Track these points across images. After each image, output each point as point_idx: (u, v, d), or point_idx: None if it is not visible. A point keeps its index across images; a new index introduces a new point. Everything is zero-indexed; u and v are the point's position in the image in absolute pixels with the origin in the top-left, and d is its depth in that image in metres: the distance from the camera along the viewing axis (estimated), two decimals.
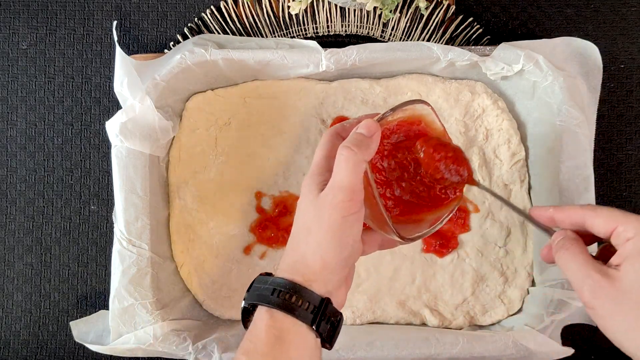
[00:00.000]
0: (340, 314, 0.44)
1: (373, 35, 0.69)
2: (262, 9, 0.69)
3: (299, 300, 0.42)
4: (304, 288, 0.42)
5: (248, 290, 0.44)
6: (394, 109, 0.48)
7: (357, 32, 0.69)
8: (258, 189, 0.65)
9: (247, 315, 0.44)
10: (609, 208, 0.42)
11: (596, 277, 0.40)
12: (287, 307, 0.41)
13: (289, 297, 0.42)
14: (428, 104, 0.49)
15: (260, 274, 0.45)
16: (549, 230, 0.46)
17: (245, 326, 0.45)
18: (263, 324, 0.42)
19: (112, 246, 0.58)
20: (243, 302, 0.44)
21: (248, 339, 0.43)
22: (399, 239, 0.46)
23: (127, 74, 0.57)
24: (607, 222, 0.42)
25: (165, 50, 0.68)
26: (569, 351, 0.57)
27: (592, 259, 0.41)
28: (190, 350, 0.57)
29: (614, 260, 0.41)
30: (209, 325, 0.62)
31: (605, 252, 0.43)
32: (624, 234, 0.41)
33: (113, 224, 0.58)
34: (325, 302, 0.42)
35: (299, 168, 0.65)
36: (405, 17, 0.69)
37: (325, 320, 0.42)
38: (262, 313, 0.42)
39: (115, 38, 0.58)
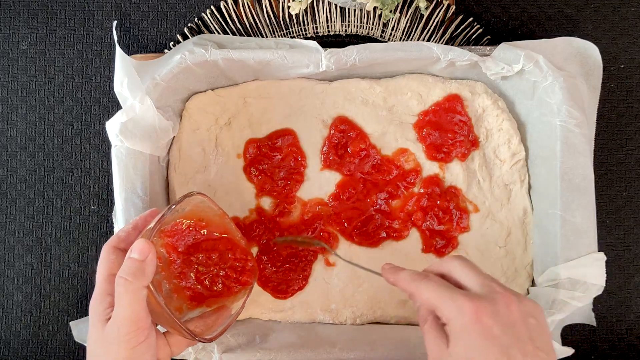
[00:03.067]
0: None
1: (373, 35, 0.69)
2: (262, 9, 0.69)
3: None
4: None
5: None
6: (162, 216, 0.48)
7: (357, 32, 0.69)
8: (258, 189, 0.65)
9: None
10: (430, 285, 0.44)
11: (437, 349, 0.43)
12: None
13: None
14: (201, 194, 0.51)
15: None
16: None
17: None
18: None
19: None
20: None
21: None
22: (200, 341, 0.48)
23: (127, 74, 0.57)
24: (427, 302, 0.44)
25: (165, 50, 0.68)
26: (569, 351, 0.57)
27: (440, 336, 0.43)
28: (190, 350, 0.57)
29: (448, 339, 0.43)
30: None
31: None
32: (442, 318, 0.43)
33: (113, 224, 0.58)
34: None
35: None
36: (405, 17, 0.69)
37: None
38: None
39: (115, 38, 0.58)
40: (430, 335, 0.44)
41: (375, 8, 0.67)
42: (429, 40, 0.69)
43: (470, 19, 0.69)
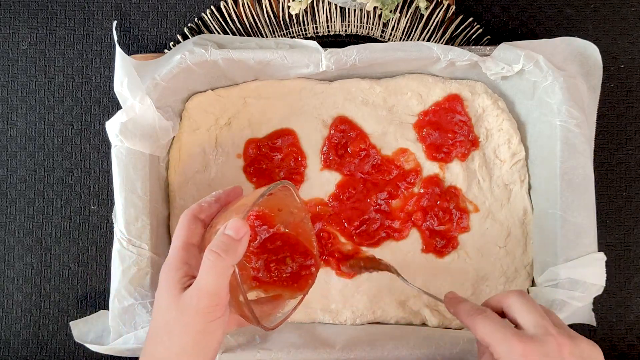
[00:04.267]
0: None
1: (373, 35, 0.69)
2: (262, 9, 0.69)
3: None
4: None
5: None
6: (258, 199, 0.47)
7: (357, 32, 0.69)
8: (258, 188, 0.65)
9: None
10: (487, 323, 0.44)
11: None
12: None
13: None
14: (287, 185, 0.51)
15: None
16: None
17: None
18: None
19: (112, 246, 0.58)
20: None
21: None
22: (262, 329, 0.47)
23: (127, 74, 0.57)
24: (482, 340, 0.44)
25: (165, 50, 0.68)
26: None
27: None
28: None
29: None
30: None
31: None
32: (495, 355, 0.43)
33: (113, 224, 0.58)
34: None
35: None
36: (405, 17, 0.69)
37: None
38: None
39: (115, 38, 0.58)
40: None
41: (375, 8, 0.67)
42: (429, 40, 0.69)
43: (470, 19, 0.69)
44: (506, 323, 0.44)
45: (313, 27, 0.69)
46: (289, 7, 0.68)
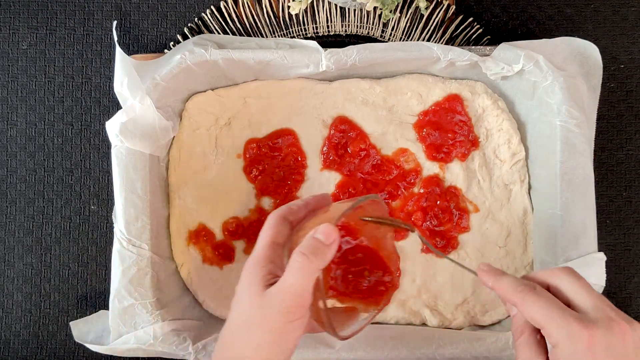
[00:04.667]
0: None
1: (373, 35, 0.69)
2: (262, 9, 0.69)
3: None
4: None
5: None
6: (348, 210, 0.46)
7: (357, 32, 0.69)
8: (258, 189, 0.65)
9: None
10: (539, 302, 0.40)
11: None
12: None
13: None
14: (377, 200, 0.50)
15: None
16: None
17: None
18: None
19: (112, 246, 0.58)
20: None
21: None
22: (336, 337, 0.46)
23: (127, 74, 0.57)
24: (533, 320, 0.41)
25: (165, 50, 0.68)
26: None
27: (537, 351, 0.41)
28: (190, 350, 0.57)
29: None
30: (209, 325, 0.62)
31: None
32: (549, 338, 0.40)
33: (113, 224, 0.58)
34: None
35: None
36: (405, 17, 0.69)
37: None
38: None
39: (115, 38, 0.58)
40: (525, 351, 0.42)
41: (375, 8, 0.67)
42: (429, 40, 0.69)
43: (470, 19, 0.69)
44: (562, 304, 0.41)
45: (313, 27, 0.69)
46: (289, 7, 0.68)
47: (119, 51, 0.57)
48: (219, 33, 0.68)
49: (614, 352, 0.38)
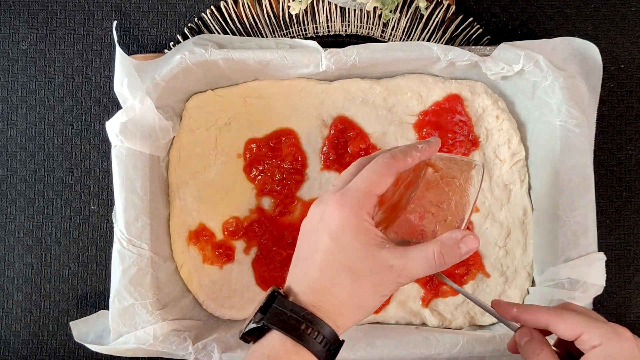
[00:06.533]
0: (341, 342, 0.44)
1: (373, 35, 0.69)
2: (262, 9, 0.69)
3: (320, 336, 0.41)
4: (327, 327, 0.41)
5: (263, 309, 0.42)
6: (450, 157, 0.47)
7: (357, 32, 0.69)
8: (258, 189, 0.65)
9: (255, 331, 0.42)
10: (574, 313, 0.43)
11: None
12: (309, 343, 0.41)
13: (312, 334, 0.41)
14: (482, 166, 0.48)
15: (276, 292, 0.43)
16: (510, 324, 0.47)
17: (247, 340, 0.43)
18: (285, 355, 0.41)
19: (112, 246, 0.58)
20: (255, 320, 0.42)
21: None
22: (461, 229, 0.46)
23: (127, 74, 0.57)
24: (572, 328, 0.43)
25: (165, 50, 0.68)
26: None
27: None
28: (190, 350, 0.57)
29: None
30: (209, 325, 0.62)
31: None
32: (589, 341, 0.42)
33: (113, 224, 0.58)
34: (340, 343, 0.43)
35: None
36: (405, 17, 0.69)
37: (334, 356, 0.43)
38: (286, 343, 0.41)
39: (115, 38, 0.58)
40: None
41: (375, 8, 0.67)
42: (429, 40, 0.69)
43: (470, 19, 0.69)
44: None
45: (313, 27, 0.69)
46: (289, 7, 0.68)
47: (119, 51, 0.57)
48: (219, 33, 0.68)
49: None
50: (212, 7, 0.69)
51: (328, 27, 0.69)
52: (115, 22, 0.63)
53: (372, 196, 0.43)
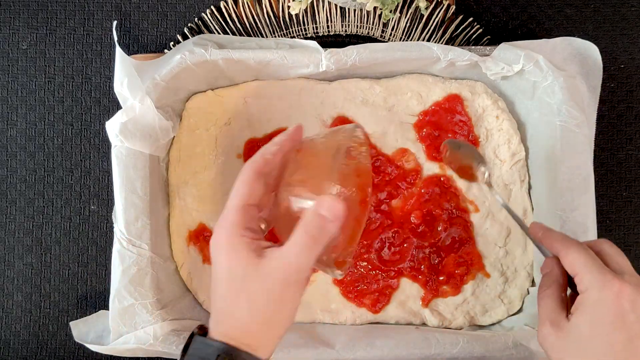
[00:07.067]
0: None
1: (373, 35, 0.69)
2: (262, 9, 0.69)
3: None
4: (244, 354, 0.41)
5: (185, 349, 0.43)
6: (342, 161, 0.46)
7: (357, 32, 0.69)
8: None
9: None
10: (579, 252, 0.43)
11: (547, 326, 0.43)
12: None
13: None
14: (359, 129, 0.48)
15: (197, 333, 0.44)
16: (543, 250, 0.48)
17: None
18: None
19: (112, 246, 0.58)
20: None
21: None
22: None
23: (127, 74, 0.57)
24: (570, 266, 0.44)
25: (165, 50, 0.68)
26: None
27: (560, 305, 0.44)
28: None
29: (572, 308, 0.43)
30: None
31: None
32: (579, 284, 0.43)
33: (113, 224, 0.58)
34: None
35: None
36: (405, 17, 0.69)
37: None
38: None
39: (115, 38, 0.58)
40: (548, 301, 0.44)
41: (375, 8, 0.67)
42: (429, 40, 0.69)
43: (470, 19, 0.69)
44: (601, 262, 0.43)
45: (313, 27, 0.69)
46: (289, 7, 0.68)
47: (119, 51, 0.57)
48: (219, 33, 0.68)
49: (638, 309, 0.40)
50: (212, 7, 0.69)
51: (328, 27, 0.69)
52: (115, 22, 0.63)
53: (246, 207, 0.43)
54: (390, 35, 0.69)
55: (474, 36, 0.69)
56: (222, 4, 0.69)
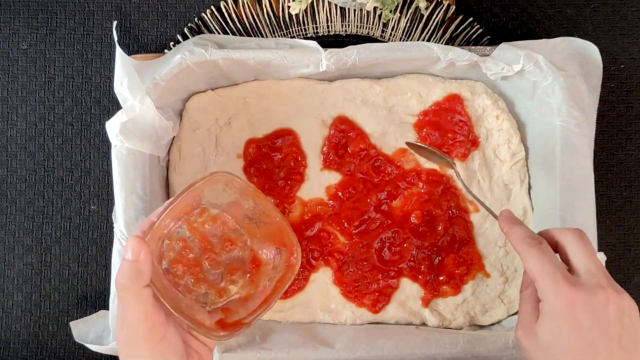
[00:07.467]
0: None
1: (373, 35, 0.69)
2: (262, 9, 0.69)
3: None
4: None
5: None
6: (178, 197, 0.48)
7: (357, 32, 0.69)
8: (258, 189, 0.65)
9: None
10: (537, 256, 0.43)
11: (520, 330, 0.44)
12: None
13: None
14: (225, 173, 0.50)
15: None
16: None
17: None
18: None
19: (112, 246, 0.58)
20: None
21: None
22: (210, 336, 0.47)
23: (127, 74, 0.57)
24: (530, 271, 0.44)
25: (165, 50, 0.68)
26: None
27: (534, 307, 0.44)
28: None
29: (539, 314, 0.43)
30: None
31: None
32: (539, 293, 0.43)
33: (113, 224, 0.58)
34: None
35: None
36: (405, 17, 0.69)
37: None
38: None
39: (115, 38, 0.58)
40: (525, 304, 0.45)
41: (375, 8, 0.67)
42: (429, 40, 0.69)
43: (470, 19, 0.69)
44: (559, 263, 0.43)
45: (313, 27, 0.69)
46: (289, 7, 0.68)
47: (119, 51, 0.57)
48: (219, 33, 0.68)
49: (594, 315, 0.41)
50: (212, 7, 0.69)
51: (328, 27, 0.69)
52: (115, 22, 0.62)
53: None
54: (390, 35, 0.69)
55: (474, 36, 0.69)
56: (222, 4, 0.69)
